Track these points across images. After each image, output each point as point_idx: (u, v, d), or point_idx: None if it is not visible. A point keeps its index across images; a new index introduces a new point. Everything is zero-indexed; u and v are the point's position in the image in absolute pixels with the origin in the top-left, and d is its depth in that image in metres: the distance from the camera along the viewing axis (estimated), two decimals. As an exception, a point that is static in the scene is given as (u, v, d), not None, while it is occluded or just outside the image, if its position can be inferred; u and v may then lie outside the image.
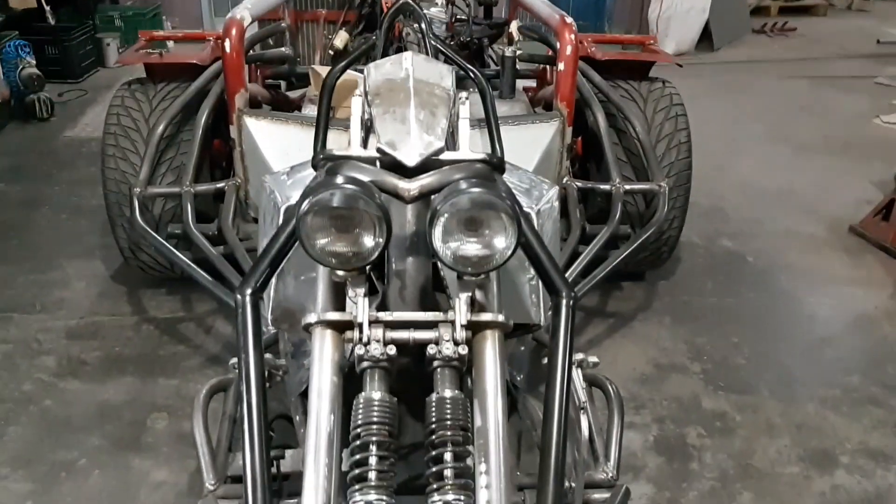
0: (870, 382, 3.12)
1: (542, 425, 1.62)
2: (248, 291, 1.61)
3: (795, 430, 2.85)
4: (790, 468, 2.68)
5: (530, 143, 3.10)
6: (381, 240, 1.49)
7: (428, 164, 1.65)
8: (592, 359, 2.16)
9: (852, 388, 3.09)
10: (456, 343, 1.51)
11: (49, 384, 3.01)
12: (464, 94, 1.88)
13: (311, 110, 3.28)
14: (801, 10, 9.98)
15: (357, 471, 1.37)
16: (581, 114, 3.37)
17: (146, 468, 2.62)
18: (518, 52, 3.56)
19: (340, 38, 3.84)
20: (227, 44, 2.96)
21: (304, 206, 1.45)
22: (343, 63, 2.84)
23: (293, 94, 4.05)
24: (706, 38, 8.16)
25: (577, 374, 2.13)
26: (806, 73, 7.51)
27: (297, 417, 2.26)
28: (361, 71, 3.15)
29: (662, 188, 3.14)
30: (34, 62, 5.83)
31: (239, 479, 2.05)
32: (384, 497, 1.36)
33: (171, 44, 3.74)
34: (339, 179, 1.48)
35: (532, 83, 4.15)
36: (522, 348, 2.58)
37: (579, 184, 3.20)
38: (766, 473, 2.65)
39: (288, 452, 2.09)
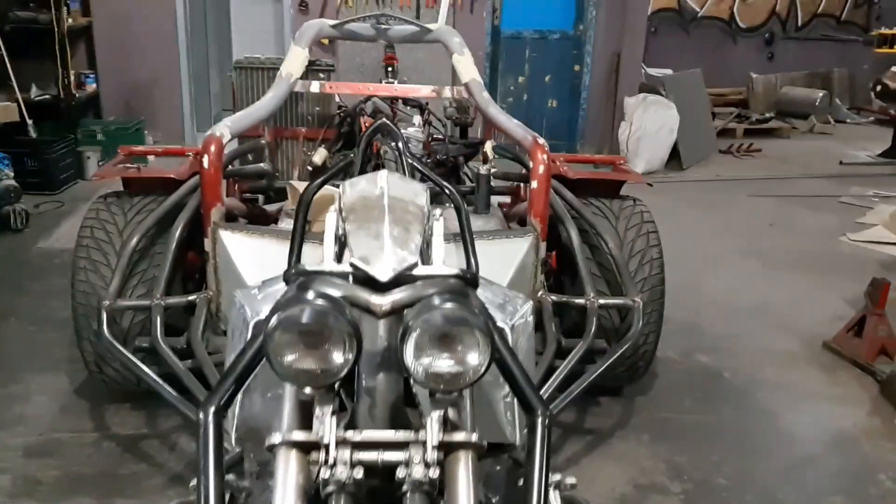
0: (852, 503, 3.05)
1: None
2: (212, 409, 1.56)
3: (780, 555, 2.76)
4: None
5: (505, 257, 3.11)
6: (350, 356, 1.46)
7: (401, 280, 1.64)
8: (570, 479, 2.08)
9: (836, 512, 3.02)
10: (427, 465, 1.46)
11: (1, 506, 2.87)
12: (438, 211, 1.90)
13: (287, 224, 3.29)
14: (765, 132, 10.37)
15: None
16: (555, 228, 3.41)
17: None
18: (493, 170, 3.63)
19: (319, 155, 3.91)
20: (205, 159, 2.99)
21: (273, 322, 1.43)
22: (320, 179, 2.88)
23: (270, 208, 4.08)
24: (675, 158, 8.40)
25: (554, 497, 2.06)
26: (773, 191, 7.72)
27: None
28: (338, 187, 3.21)
29: (637, 303, 3.14)
30: (12, 174, 5.85)
31: None
32: None
33: (151, 158, 3.79)
34: (310, 295, 1.47)
35: (506, 199, 4.23)
36: (498, 468, 2.51)
37: (554, 297, 3.20)
38: None
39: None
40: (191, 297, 3.11)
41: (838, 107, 11.87)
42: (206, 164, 2.99)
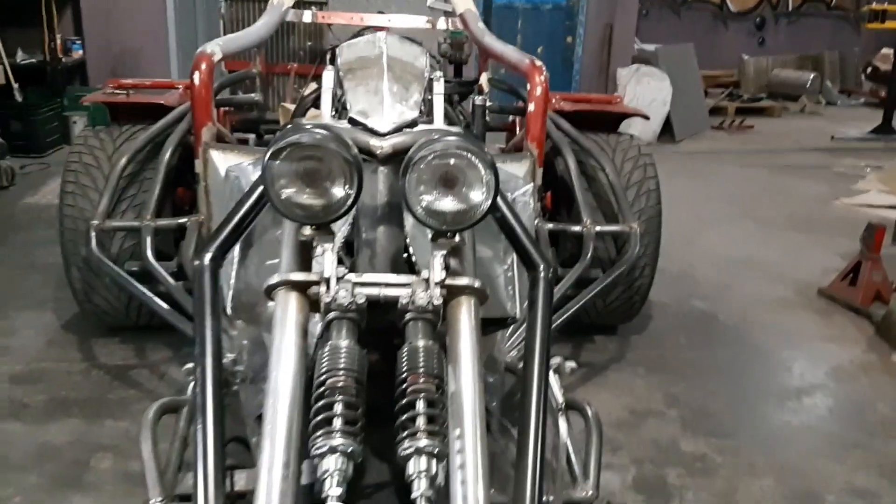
0: (851, 428, 3.03)
1: (519, 417, 1.51)
2: (208, 256, 1.52)
3: (779, 470, 2.73)
4: (776, 507, 2.55)
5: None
6: (351, 191, 1.41)
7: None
8: (570, 364, 2.05)
9: (834, 434, 2.99)
10: (430, 298, 1.41)
11: (-14, 425, 2.81)
12: (438, 73, 1.86)
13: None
14: (757, 111, 10.36)
15: (321, 416, 1.25)
16: (551, 167, 3.36)
17: (86, 506, 2.41)
18: (488, 104, 3.58)
19: (310, 90, 3.84)
20: (195, 76, 2.91)
21: (272, 148, 1.38)
22: (312, 95, 2.82)
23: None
24: (667, 132, 8.39)
25: (555, 380, 2.01)
26: (765, 162, 7.72)
27: (254, 440, 2.11)
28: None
29: (634, 229, 3.11)
30: (-1, 131, 5.78)
31: (187, 499, 1.88)
32: (351, 442, 1.22)
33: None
34: (307, 125, 1.42)
35: (502, 144, 4.18)
36: (497, 376, 2.47)
37: (550, 225, 3.15)
38: (751, 512, 2.52)
39: (242, 471, 1.93)
40: (181, 220, 3.04)
41: (829, 89, 11.88)
42: (196, 82, 2.91)
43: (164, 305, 2.70)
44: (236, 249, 1.95)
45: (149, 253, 2.87)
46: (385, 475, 2.12)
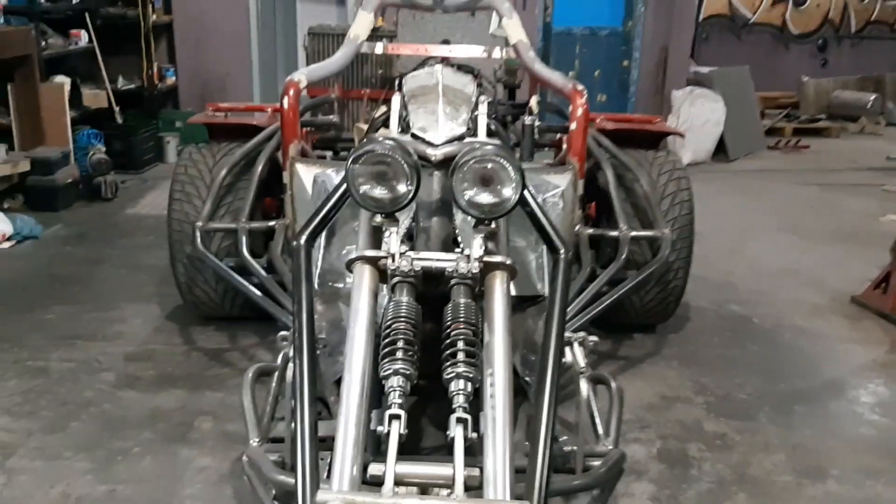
0: (866, 416, 3.33)
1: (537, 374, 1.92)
2: (304, 237, 1.98)
3: (791, 449, 3.06)
4: (784, 477, 2.88)
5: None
6: (411, 187, 1.86)
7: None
8: (593, 338, 2.44)
9: (849, 421, 3.31)
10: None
11: (108, 393, 3.34)
12: (483, 97, 2.30)
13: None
14: (815, 132, 10.50)
15: (387, 349, 1.69)
16: (594, 179, 3.76)
17: (192, 456, 2.90)
18: (537, 124, 4.02)
19: (380, 112, 4.34)
20: (285, 101, 3.43)
21: (353, 156, 1.85)
22: (383, 116, 3.30)
23: (338, 164, 4.53)
24: (722, 151, 8.65)
25: (580, 352, 2.40)
26: (817, 180, 7.92)
27: (332, 398, 2.57)
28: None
29: (665, 234, 3.49)
30: (104, 148, 6.46)
31: (278, 441, 2.34)
32: (408, 367, 1.66)
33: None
34: (380, 138, 1.88)
35: (550, 159, 4.60)
36: (538, 356, 2.89)
37: (591, 231, 3.56)
38: (760, 480, 2.86)
39: (325, 421, 2.38)
40: (271, 223, 3.56)
41: (891, 110, 11.91)
42: (285, 105, 3.43)
43: (257, 292, 3.21)
44: (322, 240, 2.42)
45: (244, 250, 3.40)
46: (441, 439, 2.56)
